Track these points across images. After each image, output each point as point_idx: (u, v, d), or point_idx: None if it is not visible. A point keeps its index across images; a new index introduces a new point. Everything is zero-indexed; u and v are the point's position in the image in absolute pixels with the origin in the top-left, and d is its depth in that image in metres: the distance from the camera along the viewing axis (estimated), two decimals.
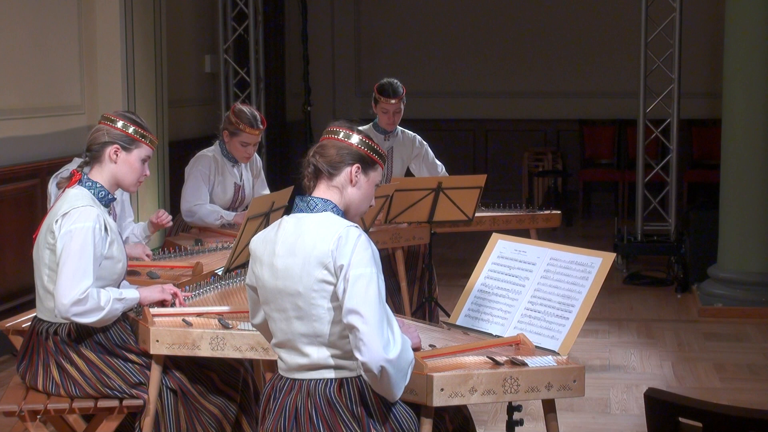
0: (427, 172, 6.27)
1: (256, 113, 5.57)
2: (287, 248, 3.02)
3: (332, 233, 2.98)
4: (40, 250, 3.76)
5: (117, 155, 3.82)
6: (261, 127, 5.53)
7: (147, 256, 4.69)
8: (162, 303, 3.87)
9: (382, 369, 2.87)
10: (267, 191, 5.81)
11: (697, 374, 5.98)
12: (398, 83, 6.07)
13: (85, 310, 3.58)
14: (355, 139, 3.13)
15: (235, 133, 5.51)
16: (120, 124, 3.84)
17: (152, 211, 7.68)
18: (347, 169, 3.11)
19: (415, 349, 3.19)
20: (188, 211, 5.55)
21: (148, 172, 3.93)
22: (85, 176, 3.82)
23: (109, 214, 3.87)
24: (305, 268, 2.98)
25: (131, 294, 3.77)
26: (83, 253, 3.61)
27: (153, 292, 3.86)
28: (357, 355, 2.89)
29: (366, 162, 3.13)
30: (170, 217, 4.87)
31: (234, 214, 5.58)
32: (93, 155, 3.83)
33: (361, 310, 2.89)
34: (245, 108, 5.58)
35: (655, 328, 6.99)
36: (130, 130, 3.84)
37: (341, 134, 3.14)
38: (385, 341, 2.88)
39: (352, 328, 2.90)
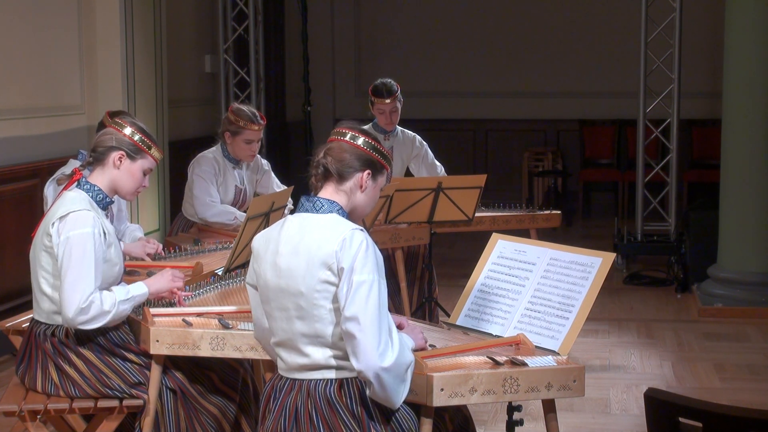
0: (426, 173, 6.27)
1: (254, 110, 5.58)
2: (291, 248, 3.02)
3: (337, 235, 2.98)
4: (36, 252, 3.74)
5: (121, 162, 3.81)
6: (261, 122, 5.53)
7: (147, 255, 4.68)
8: (172, 293, 3.85)
9: (378, 377, 2.89)
10: (282, 188, 5.83)
11: (697, 374, 5.98)
12: (392, 82, 6.06)
13: (90, 318, 3.58)
14: (360, 140, 3.13)
15: (238, 132, 5.51)
16: (127, 130, 3.83)
17: (152, 210, 7.69)
18: (358, 175, 3.12)
19: (420, 350, 3.20)
20: (202, 208, 5.51)
21: (147, 184, 3.91)
22: (84, 179, 3.80)
23: (107, 216, 3.86)
24: (308, 269, 2.98)
25: (139, 290, 3.75)
26: (84, 259, 3.60)
27: (162, 282, 3.83)
28: (353, 362, 2.91)
29: (376, 167, 3.15)
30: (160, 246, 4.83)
31: (244, 216, 5.54)
32: (97, 157, 3.82)
33: (360, 318, 2.89)
34: (243, 106, 5.60)
35: (655, 328, 6.99)
36: (136, 137, 3.83)
37: (348, 136, 3.13)
38: (382, 349, 2.89)
39: (349, 335, 2.91)
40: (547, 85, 11.90)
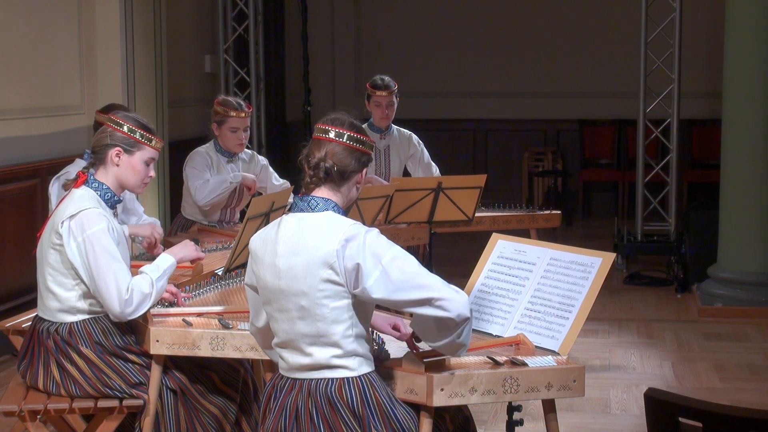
0: (422, 173, 6.31)
1: (239, 99, 5.67)
2: (289, 248, 3.02)
3: (336, 233, 2.98)
4: (44, 249, 3.76)
5: (119, 158, 3.83)
6: (247, 110, 5.59)
7: (158, 234, 4.68)
8: (194, 261, 4.05)
9: (471, 310, 2.97)
10: (280, 182, 5.85)
11: (697, 374, 5.98)
12: (389, 78, 6.23)
13: (136, 306, 3.65)
14: (345, 137, 3.10)
15: (223, 121, 5.56)
16: (125, 127, 3.85)
17: (152, 210, 7.68)
18: (357, 176, 3.14)
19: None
20: (198, 191, 5.51)
21: (153, 174, 3.93)
22: (92, 177, 3.83)
23: (115, 216, 3.88)
24: (309, 269, 2.98)
25: (166, 262, 3.83)
26: (108, 254, 3.65)
27: (186, 251, 3.97)
28: (445, 315, 2.92)
29: (368, 161, 3.17)
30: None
31: (241, 174, 5.57)
32: (97, 157, 3.85)
33: (419, 282, 2.94)
34: (228, 96, 5.72)
35: (655, 328, 6.98)
36: (137, 134, 3.84)
37: (332, 134, 3.09)
38: (454, 289, 2.97)
39: (426, 300, 2.93)
40: (547, 85, 11.89)
